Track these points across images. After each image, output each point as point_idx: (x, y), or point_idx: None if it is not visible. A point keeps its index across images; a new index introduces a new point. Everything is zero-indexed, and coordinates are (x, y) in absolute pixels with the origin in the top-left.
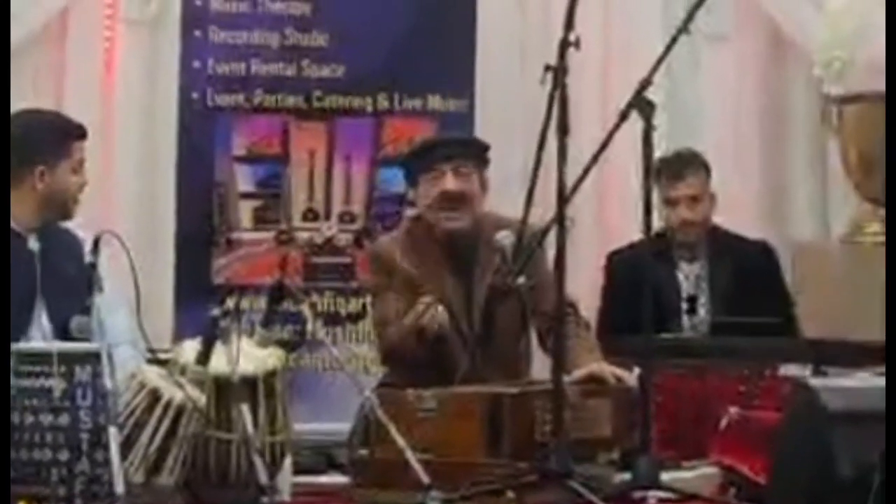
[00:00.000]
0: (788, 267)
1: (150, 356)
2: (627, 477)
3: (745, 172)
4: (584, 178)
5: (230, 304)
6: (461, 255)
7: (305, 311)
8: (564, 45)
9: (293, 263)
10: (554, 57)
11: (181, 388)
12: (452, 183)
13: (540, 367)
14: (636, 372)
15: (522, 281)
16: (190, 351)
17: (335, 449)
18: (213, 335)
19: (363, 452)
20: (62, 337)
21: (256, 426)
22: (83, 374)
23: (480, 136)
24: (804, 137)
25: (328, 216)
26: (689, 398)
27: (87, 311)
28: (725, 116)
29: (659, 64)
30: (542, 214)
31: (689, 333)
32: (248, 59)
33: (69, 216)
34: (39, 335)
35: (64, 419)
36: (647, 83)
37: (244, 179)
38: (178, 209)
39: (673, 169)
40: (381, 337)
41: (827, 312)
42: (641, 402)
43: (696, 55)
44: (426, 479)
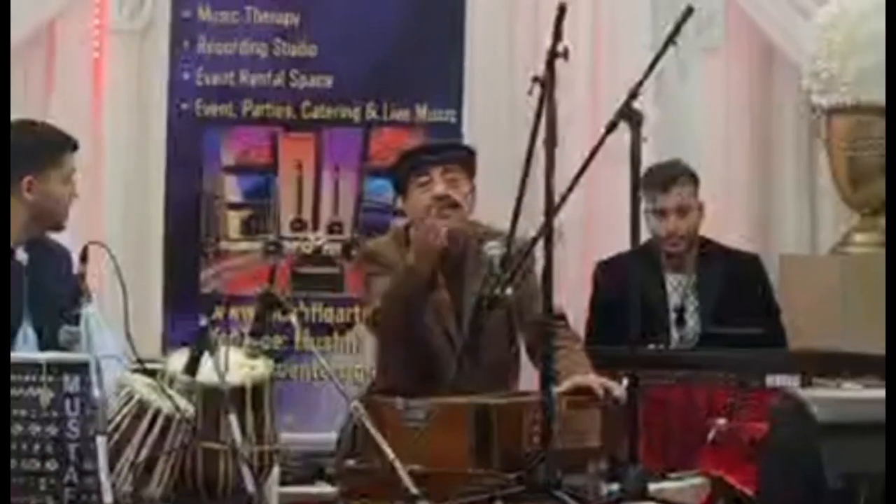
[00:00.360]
0: (776, 278)
1: (138, 366)
2: (615, 488)
3: (733, 183)
4: (572, 188)
5: (218, 314)
6: (449, 264)
7: (293, 321)
8: (553, 56)
9: (281, 274)
10: (542, 68)
11: (169, 398)
12: (442, 188)
13: (528, 377)
14: (624, 383)
15: (510, 292)
16: (178, 361)
17: (323, 459)
18: (201, 345)
19: (351, 462)
20: (47, 349)
21: (244, 436)
22: (71, 384)
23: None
24: (793, 148)
25: (316, 226)
26: (677, 409)
27: (75, 321)
28: (714, 128)
29: (648, 75)
30: (529, 226)
31: (677, 344)
32: (236, 69)
33: (59, 227)
34: (26, 348)
35: (52, 429)
36: (635, 94)
37: (233, 190)
38: (166, 219)
39: (661, 180)
40: (378, 302)
41: (815, 323)
42: (629, 412)
43: (685, 66)
44: (414, 489)
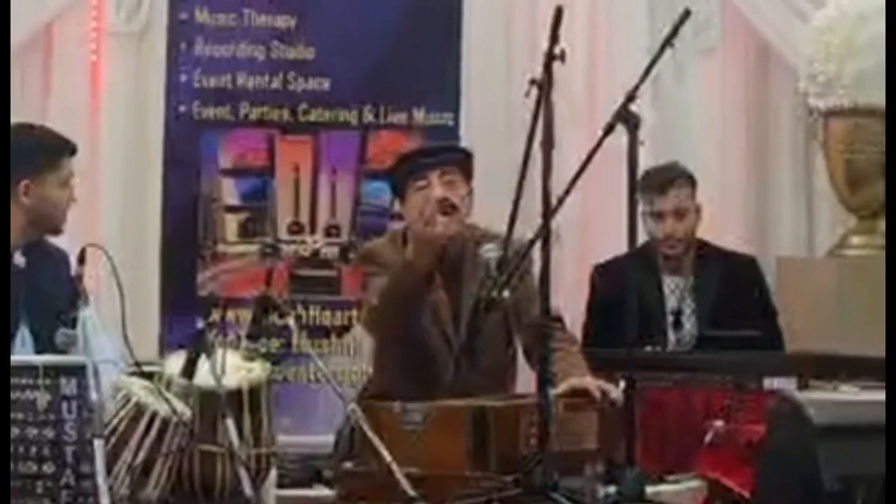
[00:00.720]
0: (773, 280)
1: (135, 369)
2: (612, 490)
3: (730, 186)
4: (569, 191)
5: (216, 316)
6: (447, 266)
7: (291, 323)
8: (550, 58)
9: (279, 276)
10: (539, 71)
11: (166, 400)
12: (441, 190)
13: (525, 380)
14: (621, 385)
15: (507, 294)
16: (175, 364)
17: (320, 462)
18: (198, 348)
19: (348, 465)
20: (43, 353)
21: (241, 439)
22: (68, 386)
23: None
24: (790, 151)
25: (314, 229)
26: (673, 412)
27: (72, 323)
28: (711, 130)
29: (645, 77)
30: (527, 228)
31: (674, 347)
32: (234, 72)
33: (57, 231)
34: (23, 351)
35: (49, 432)
36: (632, 97)
37: (230, 192)
38: (164, 222)
39: (658, 182)
40: (375, 300)
41: (812, 326)
42: (626, 415)
43: (681, 69)
44: (411, 491)
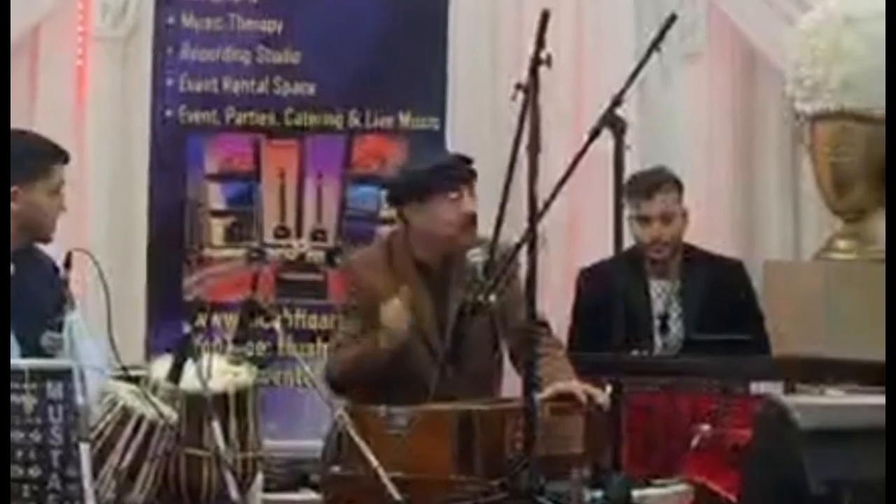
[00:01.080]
0: (760, 284)
1: (121, 373)
2: (599, 494)
3: (717, 190)
4: (555, 195)
5: (202, 321)
6: (435, 272)
7: (277, 327)
8: (536, 62)
9: (265, 280)
10: (525, 75)
11: (153, 404)
12: (471, 204)
13: (512, 384)
14: (608, 389)
15: (493, 299)
16: (161, 368)
17: (307, 466)
18: (184, 352)
19: (335, 469)
20: (29, 357)
21: (228, 443)
22: (55, 390)
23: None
24: (776, 154)
25: (300, 233)
26: (660, 416)
27: (58, 327)
28: (698, 134)
29: (631, 82)
30: (513, 232)
31: (660, 351)
32: (220, 76)
33: (46, 239)
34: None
35: (35, 436)
36: (618, 101)
37: (216, 197)
38: (150, 226)
39: (645, 186)
40: (334, 356)
41: (798, 330)
42: (613, 419)
43: (668, 73)
44: (398, 496)
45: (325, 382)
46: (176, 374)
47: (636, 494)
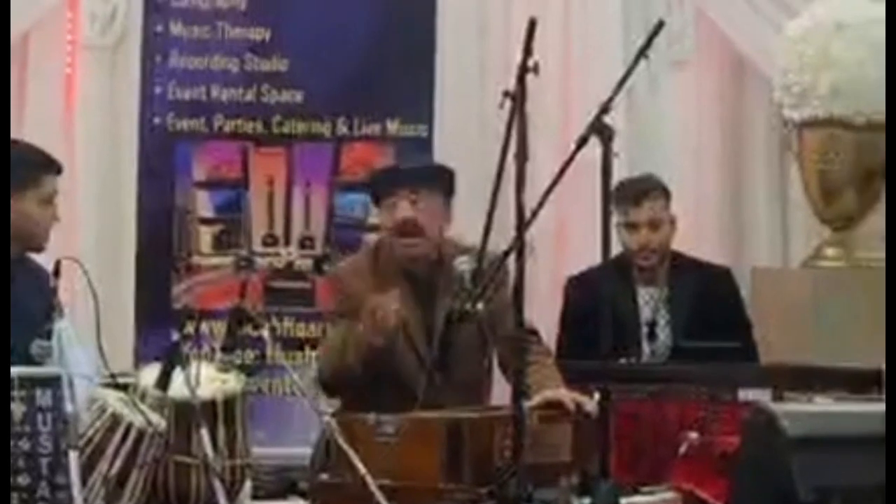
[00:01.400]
0: (748, 292)
1: (110, 381)
2: (587, 502)
3: (705, 197)
4: (543, 203)
5: (190, 328)
6: (422, 280)
7: (265, 335)
8: (523, 70)
9: (253, 288)
10: (513, 82)
11: (141, 412)
12: (407, 211)
13: (500, 392)
14: (596, 397)
15: (481, 307)
16: (150, 375)
17: (295, 473)
18: (173, 359)
19: (323, 477)
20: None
21: (216, 450)
22: (43, 398)
23: (439, 161)
24: (764, 161)
25: (288, 241)
26: (648, 423)
27: (47, 335)
28: (686, 141)
29: (618, 89)
30: (501, 240)
31: (648, 358)
32: (208, 84)
33: (38, 248)
34: None
35: (24, 443)
36: (606, 108)
37: (204, 204)
38: (138, 234)
39: (633, 194)
40: (323, 359)
41: (786, 337)
42: (601, 427)
43: (655, 80)
44: (386, 503)
45: (318, 386)
46: (164, 381)
47: (624, 502)
